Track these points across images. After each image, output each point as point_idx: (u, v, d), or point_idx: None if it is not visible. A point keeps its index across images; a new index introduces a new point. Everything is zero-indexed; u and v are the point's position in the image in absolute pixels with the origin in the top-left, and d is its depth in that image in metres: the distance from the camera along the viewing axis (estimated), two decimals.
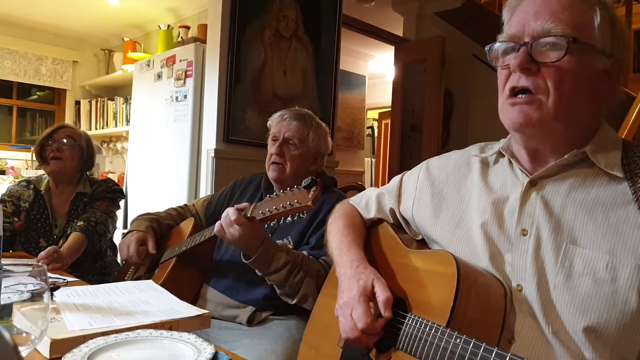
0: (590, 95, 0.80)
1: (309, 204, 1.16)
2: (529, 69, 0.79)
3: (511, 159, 0.90)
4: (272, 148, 1.60)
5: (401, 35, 4.31)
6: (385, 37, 4.21)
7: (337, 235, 1.08)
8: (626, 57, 0.83)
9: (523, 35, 0.80)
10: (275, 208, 1.22)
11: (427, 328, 0.80)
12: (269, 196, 1.27)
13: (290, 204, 1.19)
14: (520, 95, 0.81)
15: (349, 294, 0.90)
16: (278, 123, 1.62)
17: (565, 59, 0.77)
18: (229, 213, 1.30)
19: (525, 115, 0.80)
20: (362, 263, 0.96)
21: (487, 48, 0.87)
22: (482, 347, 0.70)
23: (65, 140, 2.01)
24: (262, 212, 1.25)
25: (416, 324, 0.82)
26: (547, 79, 0.78)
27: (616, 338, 0.74)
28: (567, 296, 0.77)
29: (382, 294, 0.87)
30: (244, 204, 1.34)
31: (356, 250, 1.01)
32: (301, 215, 1.23)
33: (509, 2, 0.86)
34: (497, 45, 0.85)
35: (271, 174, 1.60)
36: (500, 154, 0.93)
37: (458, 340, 0.74)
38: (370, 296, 0.89)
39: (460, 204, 0.95)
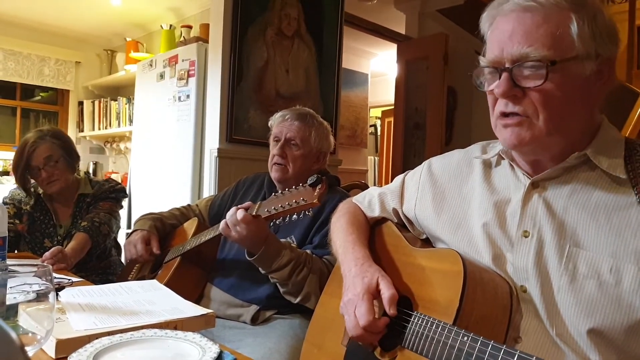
0: (582, 102, 0.79)
1: (314, 201, 1.16)
2: (514, 95, 0.78)
3: (512, 163, 0.90)
4: (274, 149, 1.60)
5: (403, 33, 4.30)
6: (387, 35, 4.20)
7: (341, 234, 1.08)
8: (615, 50, 0.80)
9: (503, 60, 0.78)
10: (281, 206, 1.22)
11: (434, 326, 0.79)
12: (274, 194, 1.27)
13: (296, 201, 1.19)
14: (511, 116, 0.80)
15: (354, 291, 0.90)
16: (280, 123, 1.62)
17: (548, 82, 0.75)
18: (235, 212, 1.30)
19: (518, 136, 0.80)
20: (367, 261, 0.96)
21: (470, 74, 0.86)
22: (490, 345, 0.70)
23: (49, 163, 1.90)
24: (267, 210, 1.26)
25: (422, 322, 0.82)
26: (534, 101, 0.77)
27: (622, 341, 0.74)
28: (572, 298, 0.76)
29: (387, 292, 0.87)
30: (247, 203, 1.35)
31: (361, 248, 1.01)
32: (307, 213, 1.23)
33: (488, 11, 0.84)
34: (479, 73, 0.84)
35: (274, 174, 1.59)
36: (501, 157, 0.92)
37: (465, 338, 0.73)
38: (374, 294, 0.89)
39: (462, 204, 0.95)
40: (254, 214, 1.28)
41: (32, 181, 1.99)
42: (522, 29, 0.77)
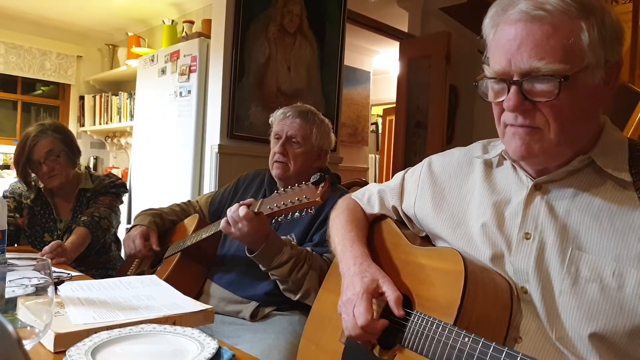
0: (590, 110, 0.78)
1: (317, 199, 1.16)
2: (524, 109, 0.76)
3: (514, 164, 0.89)
4: (275, 147, 1.59)
5: (406, 30, 4.29)
6: (390, 32, 4.19)
7: (339, 231, 1.08)
8: (620, 51, 0.78)
9: (511, 72, 0.75)
10: (284, 203, 1.22)
11: (434, 326, 0.79)
12: (277, 192, 1.27)
13: (298, 199, 1.19)
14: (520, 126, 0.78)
15: (353, 290, 0.90)
16: (280, 121, 1.61)
17: (559, 96, 0.73)
18: (237, 209, 1.30)
19: (527, 147, 0.78)
20: (366, 260, 0.96)
21: (475, 83, 0.83)
22: (492, 347, 0.70)
23: (50, 157, 1.90)
24: (269, 208, 1.25)
25: (422, 321, 0.82)
26: (544, 113, 0.75)
27: (624, 345, 0.73)
28: (574, 302, 0.76)
29: (392, 294, 0.86)
30: (249, 200, 1.34)
31: (360, 246, 1.00)
32: (309, 211, 1.23)
33: (491, 16, 0.80)
34: (485, 82, 0.81)
35: (275, 172, 1.59)
36: (503, 157, 0.91)
37: (467, 339, 0.73)
38: (373, 294, 0.88)
39: (462, 203, 0.95)
40: (255, 210, 1.28)
41: (33, 175, 1.99)
42: (532, 41, 0.73)
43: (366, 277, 0.90)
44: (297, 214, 1.23)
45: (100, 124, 4.30)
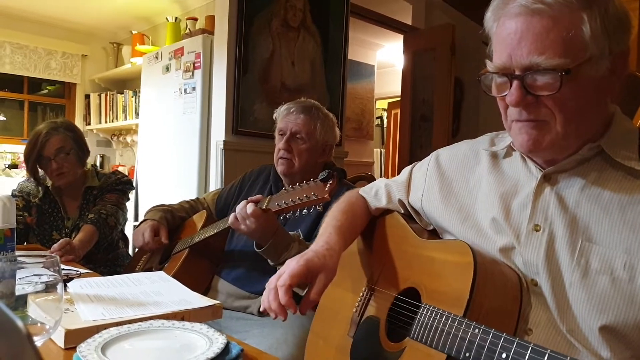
0: (597, 100, 0.77)
1: (325, 196, 1.16)
2: (527, 103, 0.75)
3: (523, 155, 0.88)
4: (279, 143, 1.59)
5: (410, 23, 4.27)
6: (394, 25, 4.17)
7: (328, 218, 1.08)
8: (627, 39, 0.77)
9: (512, 67, 0.75)
10: (292, 200, 1.22)
11: (444, 318, 0.79)
12: (285, 189, 1.27)
13: (307, 196, 1.19)
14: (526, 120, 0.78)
15: (302, 258, 0.91)
16: (285, 117, 1.61)
17: (562, 89, 0.72)
18: (245, 205, 1.30)
19: (535, 141, 0.77)
20: (332, 248, 0.96)
21: (478, 78, 0.83)
22: (503, 338, 0.69)
23: (60, 155, 1.92)
24: (277, 204, 1.26)
25: (431, 313, 0.82)
26: (549, 106, 0.75)
27: (635, 338, 0.73)
28: (584, 294, 0.75)
29: (316, 290, 0.89)
30: (257, 197, 1.35)
31: (337, 236, 0.99)
32: (317, 208, 1.23)
33: (492, 10, 0.80)
34: (488, 77, 0.81)
35: (280, 168, 1.59)
36: (511, 148, 0.91)
37: (477, 330, 0.73)
38: (308, 277, 0.90)
39: (469, 195, 0.94)
40: (264, 207, 1.28)
41: (41, 173, 2.01)
42: (532, 35, 0.72)
43: (318, 260, 0.91)
44: (304, 210, 1.24)
45: (106, 122, 4.32)
